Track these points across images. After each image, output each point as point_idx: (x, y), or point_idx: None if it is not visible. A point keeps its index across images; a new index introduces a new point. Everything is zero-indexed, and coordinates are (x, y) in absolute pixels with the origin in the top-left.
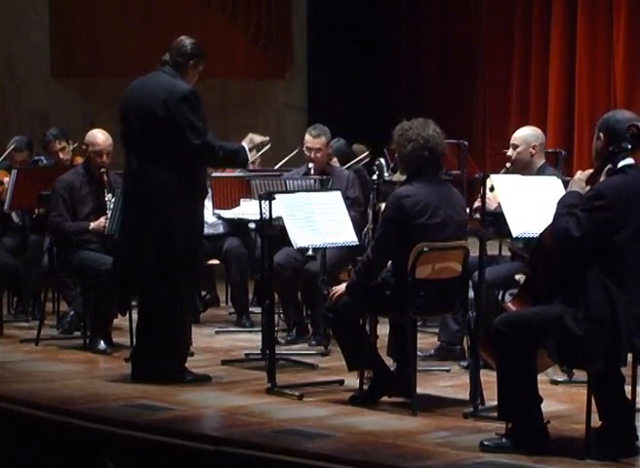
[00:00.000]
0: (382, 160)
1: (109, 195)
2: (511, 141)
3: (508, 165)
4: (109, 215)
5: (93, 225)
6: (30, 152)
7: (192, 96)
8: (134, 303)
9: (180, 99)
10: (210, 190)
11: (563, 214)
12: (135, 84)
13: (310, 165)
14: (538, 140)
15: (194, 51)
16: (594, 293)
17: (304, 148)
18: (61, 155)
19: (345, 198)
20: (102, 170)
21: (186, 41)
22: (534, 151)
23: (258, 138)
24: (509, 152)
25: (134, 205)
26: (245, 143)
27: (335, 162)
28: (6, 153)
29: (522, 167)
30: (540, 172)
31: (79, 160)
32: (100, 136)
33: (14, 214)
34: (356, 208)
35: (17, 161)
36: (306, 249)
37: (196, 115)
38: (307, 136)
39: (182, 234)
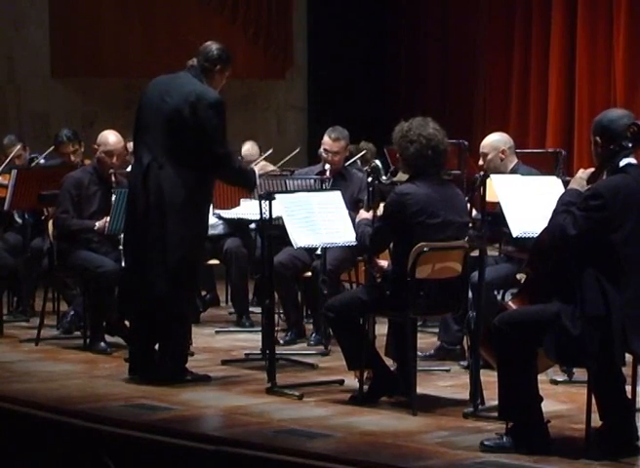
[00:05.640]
0: (378, 162)
1: (115, 196)
2: (480, 151)
3: (481, 173)
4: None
5: (98, 225)
6: (24, 146)
7: (220, 105)
8: None
9: (209, 106)
10: None
11: (560, 211)
12: (160, 80)
13: (327, 166)
14: (506, 144)
15: (221, 56)
16: (590, 292)
17: (322, 149)
18: (73, 157)
19: (358, 200)
20: (111, 170)
21: (213, 46)
22: (504, 156)
23: (269, 167)
24: (480, 162)
25: (142, 203)
26: (256, 169)
27: None
28: (8, 160)
29: (495, 173)
30: (513, 172)
31: (88, 162)
32: (112, 138)
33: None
34: None
35: (14, 158)
36: (315, 248)
37: (222, 125)
38: (326, 138)
39: (186, 240)
